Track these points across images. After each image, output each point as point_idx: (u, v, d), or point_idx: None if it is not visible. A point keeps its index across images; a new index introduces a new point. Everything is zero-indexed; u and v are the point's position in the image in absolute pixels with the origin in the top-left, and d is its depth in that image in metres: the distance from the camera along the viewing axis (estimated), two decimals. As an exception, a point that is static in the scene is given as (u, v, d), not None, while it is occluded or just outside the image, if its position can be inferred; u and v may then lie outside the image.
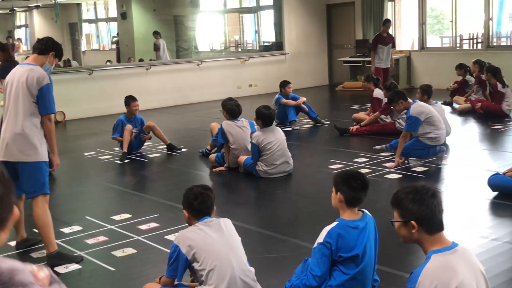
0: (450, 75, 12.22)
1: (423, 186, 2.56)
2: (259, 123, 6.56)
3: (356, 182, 3.18)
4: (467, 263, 2.47)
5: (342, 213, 3.22)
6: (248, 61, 14.70)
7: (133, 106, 8.03)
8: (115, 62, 15.53)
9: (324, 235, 3.12)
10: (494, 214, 5.13)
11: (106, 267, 4.27)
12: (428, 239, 2.51)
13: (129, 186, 6.75)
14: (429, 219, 2.49)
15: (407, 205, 2.52)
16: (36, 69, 4.27)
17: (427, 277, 2.38)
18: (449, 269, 2.40)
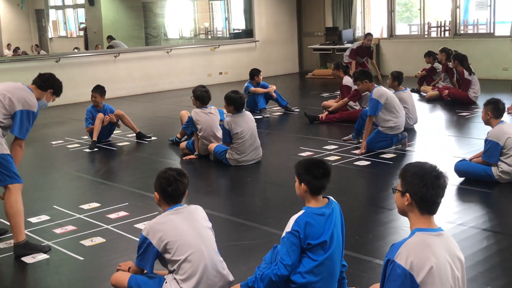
0: (418, 62, 12.36)
1: (431, 166, 2.59)
2: (231, 109, 6.53)
3: (318, 171, 3.17)
4: (447, 249, 2.51)
5: (308, 201, 3.23)
6: (218, 49, 14.62)
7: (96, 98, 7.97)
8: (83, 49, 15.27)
9: (291, 224, 3.12)
10: (460, 200, 5.22)
11: (75, 256, 4.23)
12: (418, 217, 2.55)
13: (97, 175, 6.68)
14: (424, 197, 2.52)
15: (408, 177, 2.56)
16: (30, 95, 4.39)
17: (406, 250, 2.44)
18: (428, 248, 2.45)
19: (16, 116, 4.28)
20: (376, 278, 3.48)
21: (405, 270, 2.40)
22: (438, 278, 2.41)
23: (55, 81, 4.57)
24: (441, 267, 2.43)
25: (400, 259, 2.43)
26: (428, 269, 2.40)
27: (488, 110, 5.45)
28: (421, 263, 2.40)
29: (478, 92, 9.78)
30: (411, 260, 2.41)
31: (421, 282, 2.40)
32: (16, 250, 4.25)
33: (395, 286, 2.43)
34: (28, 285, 3.86)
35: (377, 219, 4.82)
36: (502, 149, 5.33)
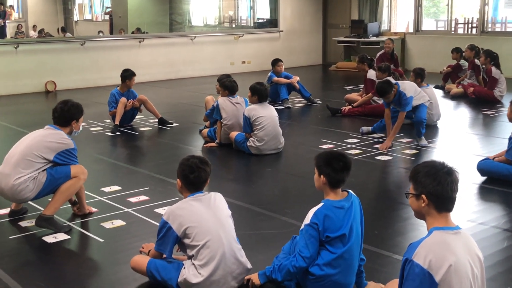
0: (443, 58, 12.22)
1: (441, 163, 2.57)
2: (254, 99, 6.55)
3: (338, 164, 3.17)
4: (466, 247, 2.49)
5: (327, 194, 3.23)
6: (241, 38, 14.60)
7: (133, 81, 8.03)
8: (108, 33, 15.35)
9: (310, 217, 3.13)
10: (482, 199, 5.17)
11: (95, 238, 4.28)
12: (435, 216, 2.54)
13: (119, 159, 6.73)
14: (440, 195, 2.50)
15: (420, 178, 2.54)
16: (59, 134, 4.45)
17: (424, 249, 2.42)
18: (446, 247, 2.43)
19: (56, 162, 4.38)
20: (395, 274, 3.47)
21: (424, 269, 2.39)
22: (457, 276, 2.39)
23: (70, 111, 4.49)
24: (460, 265, 2.41)
25: (418, 258, 2.41)
26: (447, 268, 2.38)
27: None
28: (440, 261, 2.39)
29: (504, 91, 9.64)
30: (429, 259, 2.39)
31: (440, 281, 2.38)
32: (38, 220, 4.36)
33: (413, 285, 2.41)
34: (48, 264, 3.91)
35: (397, 214, 4.80)
36: None
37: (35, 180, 4.31)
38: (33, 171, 4.30)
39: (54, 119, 4.51)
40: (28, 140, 4.41)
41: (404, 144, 6.94)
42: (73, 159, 4.46)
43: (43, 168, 4.34)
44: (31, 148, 4.33)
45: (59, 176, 4.37)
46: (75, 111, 4.52)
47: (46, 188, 4.37)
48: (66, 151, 4.40)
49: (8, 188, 4.29)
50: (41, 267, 3.85)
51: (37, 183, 4.32)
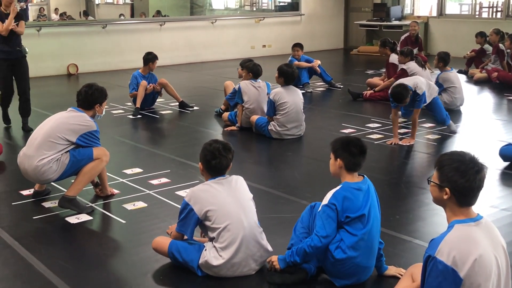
0: (467, 43, 12.04)
1: (471, 159, 2.48)
2: (281, 81, 6.51)
3: (355, 148, 3.22)
4: (489, 237, 2.46)
5: (344, 177, 3.25)
6: (262, 21, 14.52)
7: (155, 64, 8.07)
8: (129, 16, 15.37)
9: (329, 198, 3.15)
10: (504, 185, 5.11)
11: (117, 219, 4.32)
12: (456, 210, 2.49)
13: (140, 141, 6.77)
14: (466, 193, 2.45)
15: (448, 172, 2.47)
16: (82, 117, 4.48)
17: (447, 245, 2.38)
18: (470, 241, 2.39)
19: (79, 144, 4.42)
20: (415, 259, 3.46)
21: (447, 266, 2.35)
22: (482, 270, 2.36)
23: (94, 95, 4.52)
24: (485, 258, 2.37)
25: (441, 255, 2.37)
26: (472, 262, 2.34)
27: None
28: (465, 257, 2.35)
29: (529, 76, 9.49)
30: (453, 255, 2.35)
31: (464, 276, 2.34)
32: (61, 201, 4.41)
33: (437, 282, 2.38)
34: (71, 244, 3.97)
35: (418, 199, 4.77)
36: None
37: (58, 162, 4.36)
38: (56, 153, 4.35)
39: (78, 102, 4.54)
40: (51, 122, 4.45)
41: (427, 129, 6.87)
42: (95, 141, 4.49)
43: (66, 150, 4.39)
44: (54, 130, 4.37)
45: (81, 157, 4.41)
46: (99, 95, 4.55)
47: (69, 169, 4.41)
48: (89, 133, 4.43)
49: (32, 169, 4.35)
50: (64, 247, 3.91)
51: (60, 164, 4.37)
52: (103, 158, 4.49)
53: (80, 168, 4.43)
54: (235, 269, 3.30)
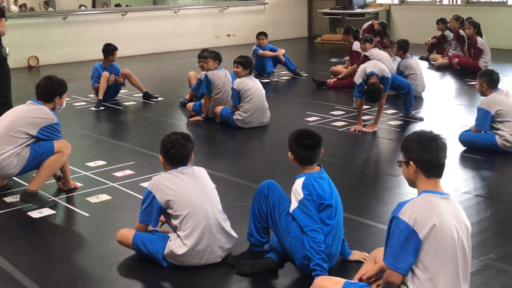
0: (429, 30, 12.20)
1: (431, 133, 2.63)
2: (245, 72, 6.50)
3: (304, 142, 3.19)
4: (453, 212, 2.55)
5: (302, 170, 3.24)
6: (226, 10, 14.46)
7: (116, 55, 7.93)
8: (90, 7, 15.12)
9: (300, 191, 3.11)
10: (466, 168, 5.22)
11: (81, 212, 4.27)
12: (424, 181, 2.59)
13: (104, 133, 6.69)
14: (426, 160, 2.56)
15: (408, 146, 2.61)
16: (42, 109, 4.38)
17: (410, 207, 2.50)
18: (432, 207, 2.50)
19: (40, 137, 4.33)
20: (379, 243, 3.50)
21: (408, 226, 2.46)
22: (440, 237, 2.46)
23: (54, 87, 4.43)
24: (445, 226, 2.47)
25: (404, 215, 2.48)
26: (431, 227, 2.45)
27: (483, 82, 5.50)
28: (425, 220, 2.45)
29: (488, 62, 9.67)
30: (415, 216, 2.46)
31: (423, 238, 2.45)
32: (23, 195, 4.34)
33: (398, 241, 2.48)
34: (34, 239, 3.90)
35: (382, 185, 4.83)
36: (496, 117, 5.34)
37: (19, 156, 4.28)
38: (16, 147, 4.26)
39: (37, 94, 4.46)
40: (11, 116, 4.36)
41: (389, 115, 6.96)
42: (56, 134, 4.42)
43: (27, 144, 4.30)
44: (14, 123, 4.28)
45: (42, 151, 4.33)
46: (58, 87, 4.47)
47: (30, 163, 4.33)
48: (49, 126, 4.35)
49: None
50: (27, 242, 3.84)
51: (21, 158, 4.29)
52: (65, 151, 4.42)
53: (41, 162, 4.35)
54: (201, 256, 3.30)
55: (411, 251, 2.46)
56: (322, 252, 3.04)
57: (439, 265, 2.47)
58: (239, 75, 6.51)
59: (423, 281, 2.47)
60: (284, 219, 3.20)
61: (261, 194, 3.30)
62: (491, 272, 3.29)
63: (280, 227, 3.21)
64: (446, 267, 2.48)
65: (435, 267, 2.46)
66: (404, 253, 2.47)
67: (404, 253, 2.47)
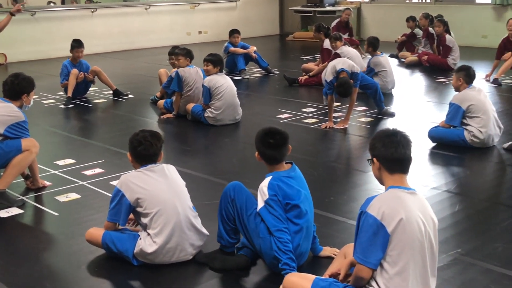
0: (399, 27, 12.31)
1: (394, 130, 2.68)
2: (215, 70, 6.48)
3: (271, 140, 3.16)
4: (420, 207, 2.59)
5: (270, 169, 3.22)
6: (198, 7, 14.39)
7: (76, 52, 7.79)
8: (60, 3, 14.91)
9: (266, 192, 3.10)
10: (435, 164, 5.29)
11: (50, 212, 4.21)
12: (389, 178, 2.63)
13: (73, 132, 6.61)
14: (386, 156, 2.61)
15: (372, 143, 2.67)
16: (9, 107, 4.30)
17: (378, 202, 2.53)
18: (400, 201, 2.53)
19: (7, 135, 4.24)
20: (350, 239, 3.52)
21: (377, 220, 2.49)
22: (407, 231, 2.49)
23: (21, 85, 4.36)
24: (412, 220, 2.50)
25: (372, 210, 2.51)
26: (398, 220, 2.48)
27: (460, 76, 5.54)
28: (392, 214, 2.49)
29: (457, 59, 9.80)
30: (382, 210, 2.49)
31: (391, 232, 2.48)
32: None
33: (367, 236, 2.51)
34: (1, 239, 3.84)
35: (352, 181, 4.87)
36: (466, 113, 5.41)
37: None
38: None
39: (4, 92, 4.38)
40: None
41: (360, 112, 7.01)
42: (24, 132, 4.35)
43: None
44: None
45: (9, 149, 4.26)
46: (26, 85, 4.40)
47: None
48: (17, 124, 4.28)
49: None
50: (-6, 243, 3.78)
51: None
52: (33, 150, 4.35)
53: (8, 160, 4.27)
54: (171, 254, 3.29)
55: (380, 245, 2.49)
56: (289, 251, 3.04)
57: (407, 259, 2.50)
58: (210, 72, 6.49)
59: (391, 275, 2.50)
60: (253, 221, 3.18)
61: (227, 198, 3.28)
62: (460, 267, 3.34)
63: (249, 229, 3.20)
64: (414, 261, 2.51)
65: (403, 261, 2.49)
66: (373, 247, 2.50)
67: (373, 247, 2.50)
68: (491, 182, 4.90)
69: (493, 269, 3.29)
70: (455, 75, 5.61)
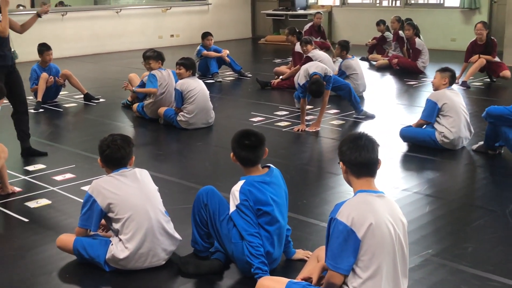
0: (369, 31, 12.45)
1: (360, 134, 2.69)
2: (188, 74, 6.47)
3: (246, 141, 3.15)
4: (389, 209, 2.60)
5: (247, 172, 3.21)
6: (169, 10, 14.34)
7: (47, 55, 7.70)
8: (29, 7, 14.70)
9: (237, 196, 3.09)
10: (405, 166, 5.35)
11: (19, 218, 4.15)
12: (356, 182, 2.65)
13: (43, 136, 6.52)
14: (351, 160, 2.62)
15: (339, 147, 2.69)
16: None
17: (347, 208, 2.54)
18: (368, 206, 2.55)
19: None
20: (322, 241, 3.53)
21: (347, 226, 2.49)
22: (378, 235, 2.51)
23: None
24: (381, 225, 2.52)
25: (341, 216, 2.52)
26: (368, 225, 2.49)
27: (446, 76, 5.65)
28: (362, 219, 2.50)
29: (426, 62, 9.95)
30: (352, 216, 2.50)
31: (362, 238, 2.49)
32: None
33: (338, 242, 2.51)
34: (-31, 247, 3.77)
35: (324, 183, 4.90)
36: (440, 111, 5.50)
37: None
38: None
39: None
40: None
41: (332, 115, 7.06)
42: None
43: None
44: None
45: None
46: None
47: None
48: None
49: None
50: (-38, 250, 3.70)
51: None
52: (1, 155, 4.29)
53: None
54: (143, 260, 3.26)
55: (351, 251, 2.50)
56: (261, 255, 3.04)
57: (379, 263, 2.52)
58: (182, 76, 6.47)
59: (364, 279, 2.52)
60: (225, 226, 3.17)
61: (200, 203, 3.27)
62: (430, 267, 3.38)
63: (222, 234, 3.19)
64: (385, 264, 2.53)
65: (375, 265, 2.51)
66: (344, 253, 2.51)
67: (344, 253, 2.51)
68: (461, 183, 4.98)
69: (464, 270, 3.34)
70: (440, 74, 5.68)
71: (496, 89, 8.84)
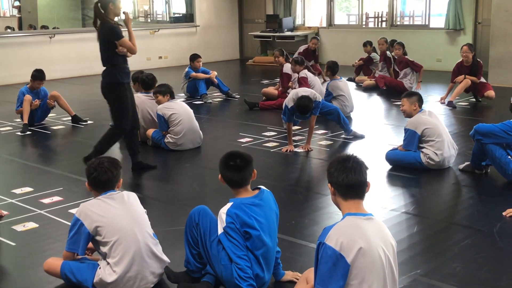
0: (356, 52, 12.57)
1: (347, 156, 2.69)
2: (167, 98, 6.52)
3: (231, 162, 3.16)
4: (378, 233, 2.59)
5: (236, 193, 3.21)
6: (158, 32, 14.41)
7: (38, 84, 7.78)
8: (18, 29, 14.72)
9: (223, 218, 3.09)
10: (393, 186, 5.37)
11: (6, 242, 4.11)
12: (344, 204, 2.64)
13: (30, 159, 6.49)
14: (338, 182, 2.62)
15: (327, 169, 2.70)
16: None
17: (336, 232, 2.52)
18: (357, 230, 2.53)
19: None
20: (311, 263, 3.53)
21: (335, 251, 2.47)
22: (368, 259, 2.49)
23: None
24: (371, 248, 2.50)
25: (330, 241, 2.49)
26: (357, 250, 2.47)
27: (415, 101, 5.66)
28: (351, 244, 2.48)
29: (413, 82, 10.05)
30: (341, 241, 2.48)
31: (351, 262, 2.47)
32: None
33: (327, 267, 2.49)
34: (-45, 271, 3.72)
35: (313, 204, 4.90)
36: (422, 137, 5.54)
37: None
38: None
39: None
40: None
41: (320, 135, 7.10)
42: None
43: None
44: None
45: None
46: None
47: None
48: None
49: None
50: None
51: None
52: None
53: None
54: (132, 283, 3.24)
55: (340, 276, 2.48)
56: (249, 278, 3.03)
57: (368, 287, 2.50)
58: (161, 102, 6.51)
59: None
60: (215, 247, 3.17)
61: (192, 222, 3.27)
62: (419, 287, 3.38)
63: (212, 254, 3.19)
64: (375, 287, 2.52)
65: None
66: (333, 278, 2.48)
67: (333, 278, 2.48)
68: (448, 203, 5.01)
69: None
70: (407, 100, 5.68)
71: (481, 109, 8.94)
